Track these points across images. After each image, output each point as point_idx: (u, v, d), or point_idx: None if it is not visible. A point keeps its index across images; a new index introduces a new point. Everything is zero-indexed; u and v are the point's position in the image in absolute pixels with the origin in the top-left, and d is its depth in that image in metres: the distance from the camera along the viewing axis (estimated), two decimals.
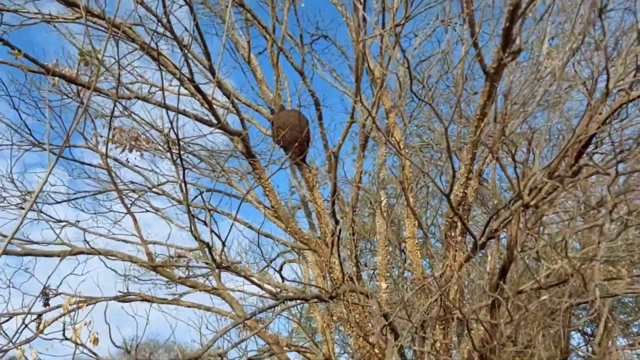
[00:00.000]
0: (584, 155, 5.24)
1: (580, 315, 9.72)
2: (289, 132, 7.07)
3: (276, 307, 5.03)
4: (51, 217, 6.43)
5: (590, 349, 10.40)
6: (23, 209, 6.31)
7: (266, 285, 5.50)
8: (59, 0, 4.70)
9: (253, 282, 4.40)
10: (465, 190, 6.21)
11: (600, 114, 5.43)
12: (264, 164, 6.24)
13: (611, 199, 3.70)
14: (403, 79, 6.92)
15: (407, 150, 7.77)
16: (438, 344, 5.86)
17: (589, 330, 11.19)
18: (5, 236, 5.57)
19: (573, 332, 10.71)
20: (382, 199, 7.33)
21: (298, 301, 5.38)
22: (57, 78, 4.56)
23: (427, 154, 10.24)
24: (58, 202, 6.59)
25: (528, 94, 7.08)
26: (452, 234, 6.22)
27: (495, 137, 6.44)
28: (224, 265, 4.02)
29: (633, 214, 7.13)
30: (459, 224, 6.40)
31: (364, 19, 5.19)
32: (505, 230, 6.14)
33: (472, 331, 5.65)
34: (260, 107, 7.51)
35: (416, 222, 6.55)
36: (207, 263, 4.19)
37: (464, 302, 7.09)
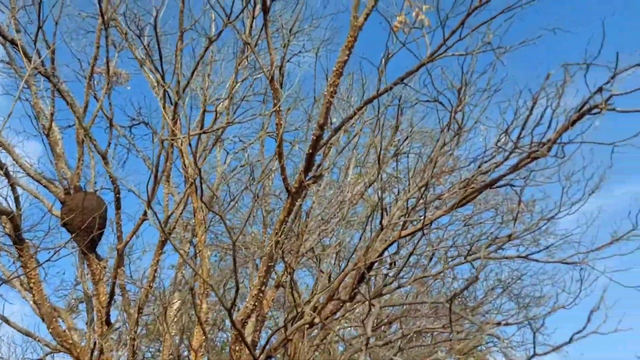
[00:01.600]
0: (363, 281, 5.65)
1: None
2: (80, 216, 6.42)
3: None
4: None
5: None
6: None
7: None
8: None
9: None
10: (256, 303, 6.14)
11: (386, 240, 6.02)
12: (35, 250, 5.46)
13: (366, 333, 3.94)
14: (214, 184, 6.94)
15: (208, 251, 7.57)
16: None
17: None
18: None
19: None
20: (175, 301, 6.88)
21: None
22: None
23: (241, 254, 10.17)
24: None
25: (330, 213, 7.61)
26: (238, 347, 6.00)
27: (292, 252, 6.66)
28: None
29: (408, 336, 7.75)
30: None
31: (169, 122, 5.16)
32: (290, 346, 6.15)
33: None
34: (54, 184, 6.77)
35: (203, 332, 6.22)
36: None
37: None
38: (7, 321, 5.57)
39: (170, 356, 6.37)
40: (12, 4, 6.42)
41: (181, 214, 6.97)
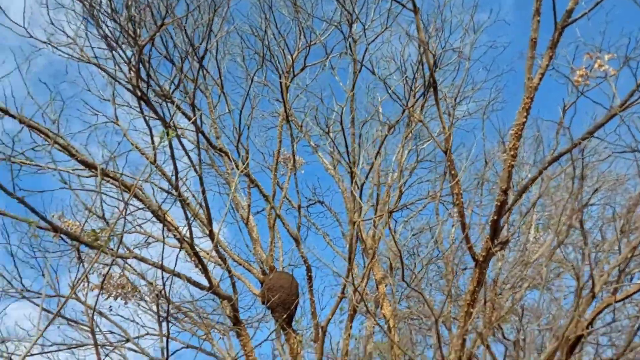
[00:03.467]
0: (573, 353, 5.18)
1: None
2: (278, 294, 7.03)
3: None
4: None
5: None
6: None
7: None
8: (78, 161, 5.02)
9: None
10: None
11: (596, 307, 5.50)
12: (250, 330, 6.09)
13: None
14: (393, 257, 7.11)
15: (395, 322, 7.64)
16: None
17: None
18: None
19: None
20: None
21: None
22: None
23: (417, 323, 10.04)
24: (32, 355, 6.21)
25: (517, 278, 7.23)
26: None
27: (485, 322, 6.41)
28: None
29: None
30: None
31: (360, 204, 5.51)
32: None
33: None
34: (252, 265, 7.57)
35: None
36: None
37: None
38: None
39: None
40: (212, 116, 7.64)
41: (365, 286, 7.23)
